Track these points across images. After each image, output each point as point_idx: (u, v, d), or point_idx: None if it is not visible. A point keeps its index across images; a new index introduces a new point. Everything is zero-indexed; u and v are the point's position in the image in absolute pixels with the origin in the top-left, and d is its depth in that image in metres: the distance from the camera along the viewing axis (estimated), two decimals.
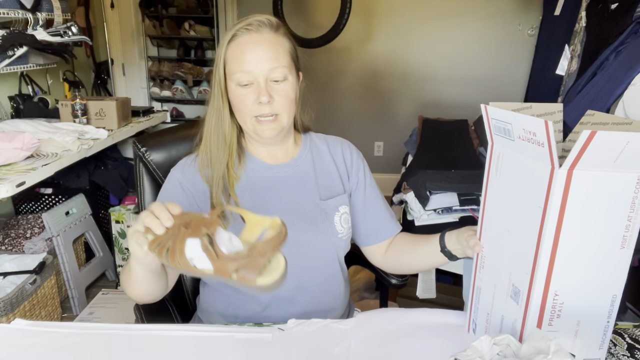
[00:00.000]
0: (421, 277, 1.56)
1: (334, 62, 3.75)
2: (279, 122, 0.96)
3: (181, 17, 3.64)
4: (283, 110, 0.95)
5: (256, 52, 0.91)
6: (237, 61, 0.92)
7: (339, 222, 1.03)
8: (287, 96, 0.95)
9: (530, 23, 3.50)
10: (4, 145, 1.65)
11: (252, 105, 0.93)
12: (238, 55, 0.92)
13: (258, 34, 0.92)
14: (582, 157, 0.59)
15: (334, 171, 1.08)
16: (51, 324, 0.88)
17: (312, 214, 1.01)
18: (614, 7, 1.80)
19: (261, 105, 0.92)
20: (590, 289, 0.68)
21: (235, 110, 0.97)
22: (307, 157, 1.07)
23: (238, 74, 0.92)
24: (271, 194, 1.02)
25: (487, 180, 0.80)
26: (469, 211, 1.54)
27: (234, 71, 0.93)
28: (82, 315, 2.19)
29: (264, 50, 0.92)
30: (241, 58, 0.92)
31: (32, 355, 0.80)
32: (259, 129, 0.95)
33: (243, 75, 0.92)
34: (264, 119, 0.94)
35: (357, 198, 1.09)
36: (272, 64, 0.92)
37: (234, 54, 0.93)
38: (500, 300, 0.76)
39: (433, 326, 0.88)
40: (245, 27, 0.92)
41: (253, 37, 0.92)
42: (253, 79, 0.92)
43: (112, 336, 0.85)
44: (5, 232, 2.15)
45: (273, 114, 0.94)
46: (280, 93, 0.94)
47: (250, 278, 0.65)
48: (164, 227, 0.70)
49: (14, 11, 1.99)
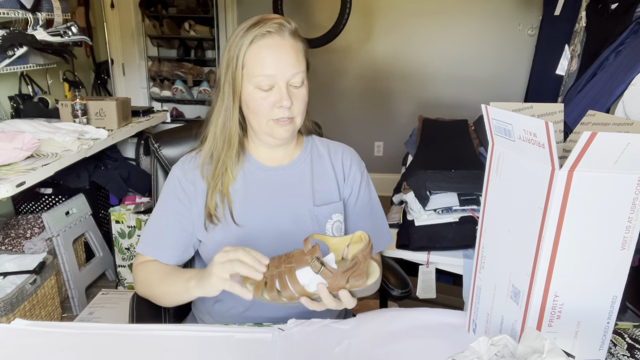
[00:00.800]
0: (421, 277, 1.56)
1: (334, 62, 3.75)
2: (294, 124, 0.98)
3: (181, 17, 3.64)
4: (299, 114, 0.97)
5: (279, 57, 0.92)
6: (258, 64, 0.92)
7: (331, 230, 1.03)
8: (304, 100, 0.97)
9: (530, 23, 3.50)
10: (4, 145, 1.65)
11: (272, 108, 0.94)
12: (260, 59, 0.92)
13: (280, 38, 0.93)
14: (582, 158, 0.59)
15: (332, 177, 1.08)
16: (51, 324, 0.88)
17: (304, 219, 1.02)
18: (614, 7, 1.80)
19: (281, 109, 0.94)
20: (590, 290, 0.68)
21: (250, 112, 0.97)
22: (306, 160, 1.07)
23: (259, 78, 0.92)
24: (264, 196, 1.02)
25: (487, 180, 0.80)
26: (469, 211, 1.54)
27: (254, 74, 0.92)
28: (82, 315, 2.19)
29: (285, 55, 0.92)
30: (263, 62, 0.92)
31: (32, 355, 0.80)
32: (276, 131, 0.96)
33: (265, 79, 0.92)
34: (281, 121, 0.95)
35: (347, 207, 1.10)
36: (294, 69, 0.93)
37: (255, 57, 0.92)
38: (500, 300, 0.76)
39: (433, 326, 0.88)
40: (267, 30, 0.92)
41: (276, 40, 0.92)
42: (274, 83, 0.93)
43: (112, 336, 0.85)
44: (5, 232, 2.15)
45: (290, 117, 0.96)
46: (299, 97, 0.95)
47: (361, 282, 0.79)
48: (261, 272, 0.78)
49: (14, 11, 1.99)
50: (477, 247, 0.84)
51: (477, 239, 0.84)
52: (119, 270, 2.44)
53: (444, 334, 0.86)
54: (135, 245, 2.39)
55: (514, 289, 0.72)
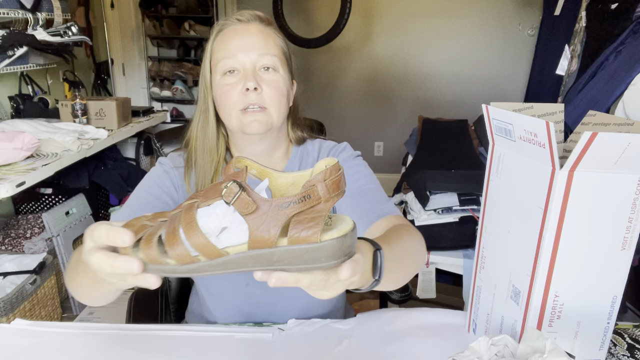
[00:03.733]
0: (421, 277, 1.56)
1: (334, 62, 3.75)
2: (268, 115, 0.85)
3: (181, 17, 3.65)
4: (272, 103, 0.85)
5: (244, 39, 0.85)
6: (222, 49, 0.86)
7: None
8: (278, 87, 0.86)
9: (530, 23, 3.50)
10: (4, 145, 1.65)
11: (238, 96, 0.84)
12: (224, 44, 0.86)
13: (247, 24, 0.87)
14: (583, 159, 0.59)
15: None
16: (51, 324, 0.88)
17: None
18: (614, 7, 1.80)
19: (247, 94, 0.83)
20: (590, 290, 0.68)
21: (220, 108, 0.88)
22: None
23: (222, 62, 0.85)
24: None
25: (487, 180, 0.80)
26: (469, 211, 1.54)
27: (218, 60, 0.86)
28: (82, 315, 2.19)
29: (252, 36, 0.86)
30: (227, 45, 0.85)
31: (32, 355, 0.80)
32: (246, 123, 0.85)
33: (227, 61, 0.84)
34: (250, 109, 0.84)
35: None
36: (261, 50, 0.85)
37: (220, 44, 0.87)
38: (501, 300, 0.76)
39: (433, 326, 0.88)
40: (235, 18, 0.88)
41: (242, 26, 0.87)
42: (239, 66, 0.85)
43: (112, 336, 0.85)
44: (5, 232, 2.15)
45: (261, 106, 0.85)
46: (270, 83, 0.85)
47: (311, 234, 0.44)
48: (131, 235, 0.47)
49: (14, 11, 1.99)
50: (477, 247, 0.84)
51: (477, 239, 0.84)
52: None
53: (444, 334, 0.86)
54: None
55: (514, 289, 0.72)
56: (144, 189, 0.90)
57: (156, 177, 0.92)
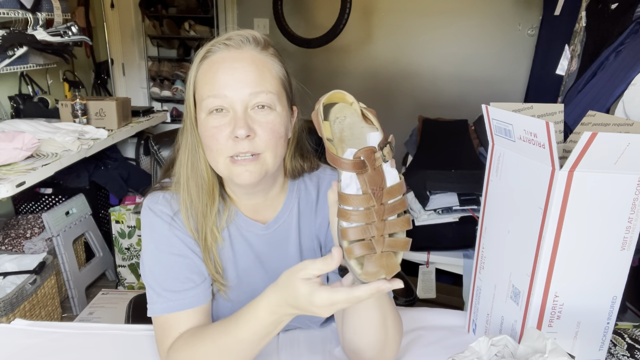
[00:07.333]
0: (421, 277, 1.56)
1: (334, 62, 3.75)
2: (261, 163, 0.73)
3: (181, 17, 3.64)
4: (267, 149, 0.72)
5: (234, 73, 0.71)
6: (208, 83, 0.72)
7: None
8: (274, 130, 0.72)
9: (530, 23, 3.50)
10: (4, 145, 1.65)
11: (226, 141, 0.71)
12: (210, 77, 0.72)
13: (238, 51, 0.73)
14: (582, 159, 0.59)
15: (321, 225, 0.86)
16: (51, 324, 0.88)
17: None
18: (614, 7, 1.80)
19: (237, 142, 0.70)
20: (590, 290, 0.68)
21: (207, 151, 0.75)
22: (293, 210, 0.84)
23: (208, 100, 0.71)
24: (249, 261, 0.83)
25: (487, 180, 0.80)
26: (469, 211, 1.55)
27: (203, 96, 0.72)
28: (82, 315, 2.19)
29: (243, 70, 0.71)
30: (213, 79, 0.71)
31: (32, 355, 0.80)
32: (235, 174, 0.72)
33: (214, 100, 0.71)
34: (240, 157, 0.71)
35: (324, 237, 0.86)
36: (255, 87, 0.71)
37: (205, 75, 0.73)
38: (500, 301, 0.76)
39: (433, 326, 0.88)
40: (223, 42, 0.73)
41: (232, 54, 0.72)
42: (228, 106, 0.71)
43: (112, 336, 0.85)
44: (5, 232, 2.15)
45: (253, 153, 0.72)
46: (264, 126, 0.72)
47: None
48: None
49: (14, 11, 1.99)
50: (477, 247, 0.84)
51: (477, 239, 0.84)
52: (119, 270, 2.43)
53: (444, 333, 0.86)
54: (135, 245, 2.39)
55: (514, 289, 0.72)
56: (166, 250, 0.77)
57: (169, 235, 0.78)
